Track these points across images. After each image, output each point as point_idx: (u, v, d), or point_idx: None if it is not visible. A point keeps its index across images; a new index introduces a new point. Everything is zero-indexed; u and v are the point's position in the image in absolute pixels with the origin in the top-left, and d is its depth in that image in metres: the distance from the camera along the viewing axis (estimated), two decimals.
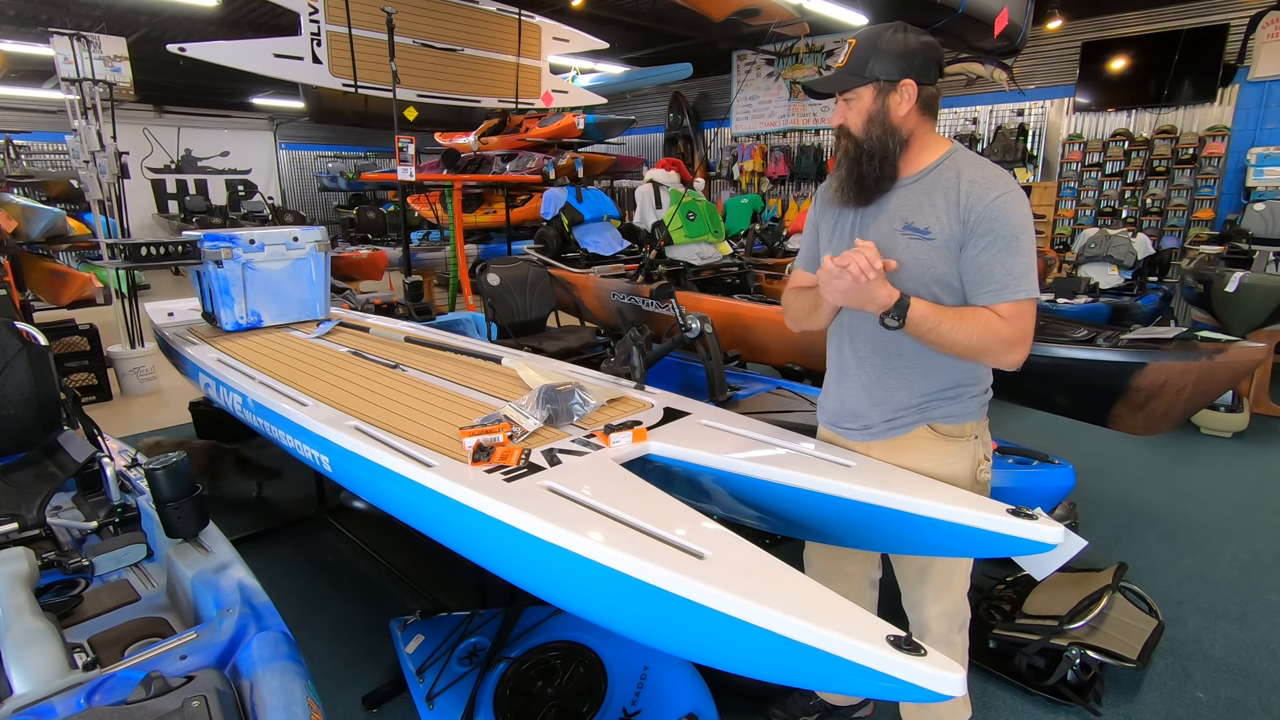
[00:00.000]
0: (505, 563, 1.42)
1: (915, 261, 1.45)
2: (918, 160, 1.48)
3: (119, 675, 1.08)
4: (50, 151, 11.20)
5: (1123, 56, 7.74)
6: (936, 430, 1.53)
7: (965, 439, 1.54)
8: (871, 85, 1.43)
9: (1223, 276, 4.51)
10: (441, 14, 6.32)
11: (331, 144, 15.24)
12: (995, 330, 1.39)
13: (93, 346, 5.17)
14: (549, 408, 1.79)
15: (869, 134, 1.45)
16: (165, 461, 1.57)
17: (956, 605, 1.65)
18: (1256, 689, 2.16)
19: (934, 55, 1.44)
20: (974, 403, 1.54)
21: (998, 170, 1.44)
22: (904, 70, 1.41)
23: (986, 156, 9.79)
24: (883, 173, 1.47)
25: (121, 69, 5.01)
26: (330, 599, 2.68)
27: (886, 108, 1.43)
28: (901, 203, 1.48)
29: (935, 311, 1.39)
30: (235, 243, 2.98)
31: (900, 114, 1.44)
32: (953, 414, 1.52)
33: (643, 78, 10.87)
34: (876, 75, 1.43)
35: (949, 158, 1.46)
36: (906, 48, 1.41)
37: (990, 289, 1.40)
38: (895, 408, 1.54)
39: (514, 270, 4.34)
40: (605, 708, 1.85)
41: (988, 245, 1.39)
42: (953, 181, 1.43)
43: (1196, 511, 3.30)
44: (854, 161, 1.48)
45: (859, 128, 1.47)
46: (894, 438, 1.56)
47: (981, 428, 1.57)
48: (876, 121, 1.44)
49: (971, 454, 1.55)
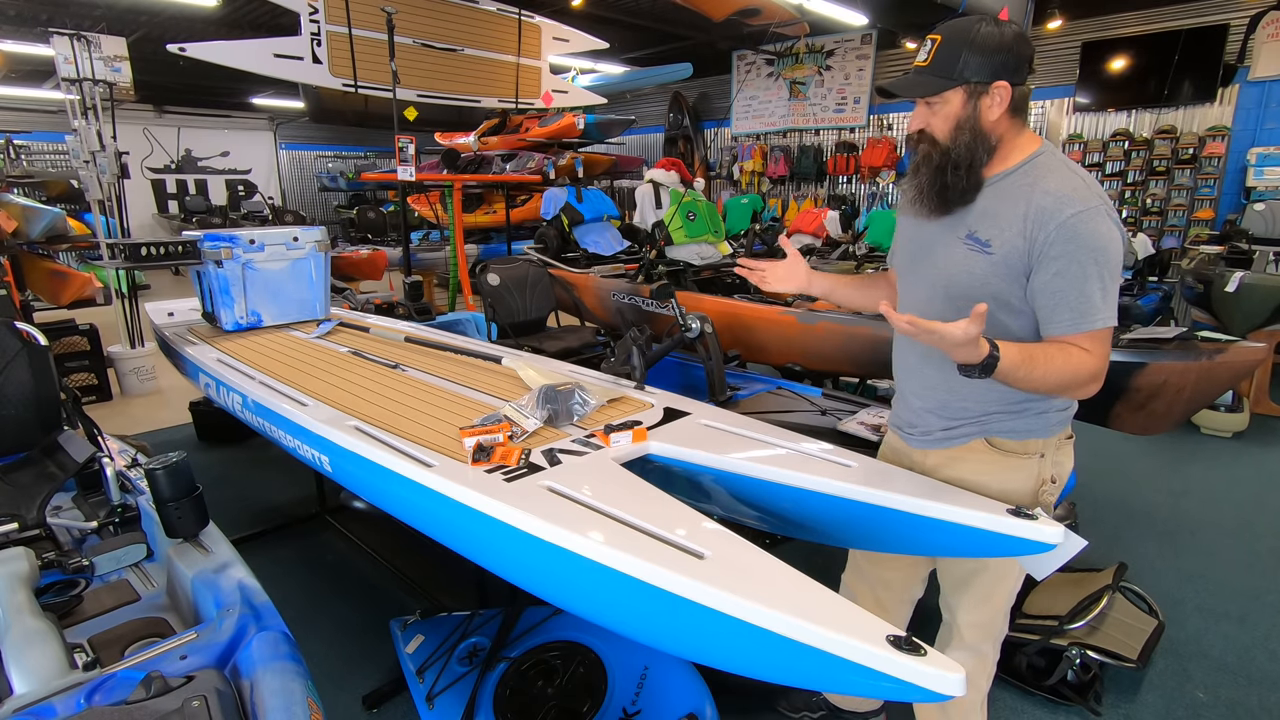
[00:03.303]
0: (505, 563, 1.42)
1: (969, 275, 1.35)
2: (999, 164, 1.36)
3: (119, 675, 1.08)
4: (50, 151, 11.21)
5: (1123, 56, 7.74)
6: (994, 445, 1.43)
7: (1028, 456, 1.42)
8: (961, 88, 1.30)
9: (1223, 276, 4.51)
10: (441, 14, 6.32)
11: (331, 144, 15.24)
12: (1083, 367, 1.27)
13: (93, 346, 5.16)
14: (549, 408, 1.79)
15: (956, 141, 1.32)
16: (165, 461, 1.57)
17: (993, 619, 1.56)
18: (1256, 689, 2.16)
19: (1027, 51, 1.30)
20: (1041, 420, 1.41)
21: (1079, 183, 1.28)
22: (997, 71, 1.27)
23: None
24: (969, 182, 1.35)
25: (121, 69, 5.01)
26: (330, 599, 2.68)
27: (978, 112, 1.30)
28: (970, 208, 1.37)
29: (1026, 354, 1.24)
30: (235, 243, 2.98)
31: (991, 118, 1.31)
32: (1015, 430, 1.41)
33: (643, 78, 10.87)
34: (967, 77, 1.29)
35: (1030, 162, 1.33)
36: (1001, 44, 1.27)
37: (1067, 319, 1.27)
38: (952, 418, 1.46)
39: (514, 270, 4.34)
40: (605, 708, 1.85)
41: (1061, 270, 1.25)
42: (1026, 192, 1.30)
43: (1196, 511, 3.30)
44: (938, 170, 1.35)
45: (946, 134, 1.34)
46: (951, 448, 1.48)
47: (1051, 446, 1.43)
48: (966, 128, 1.32)
49: (1035, 473, 1.42)
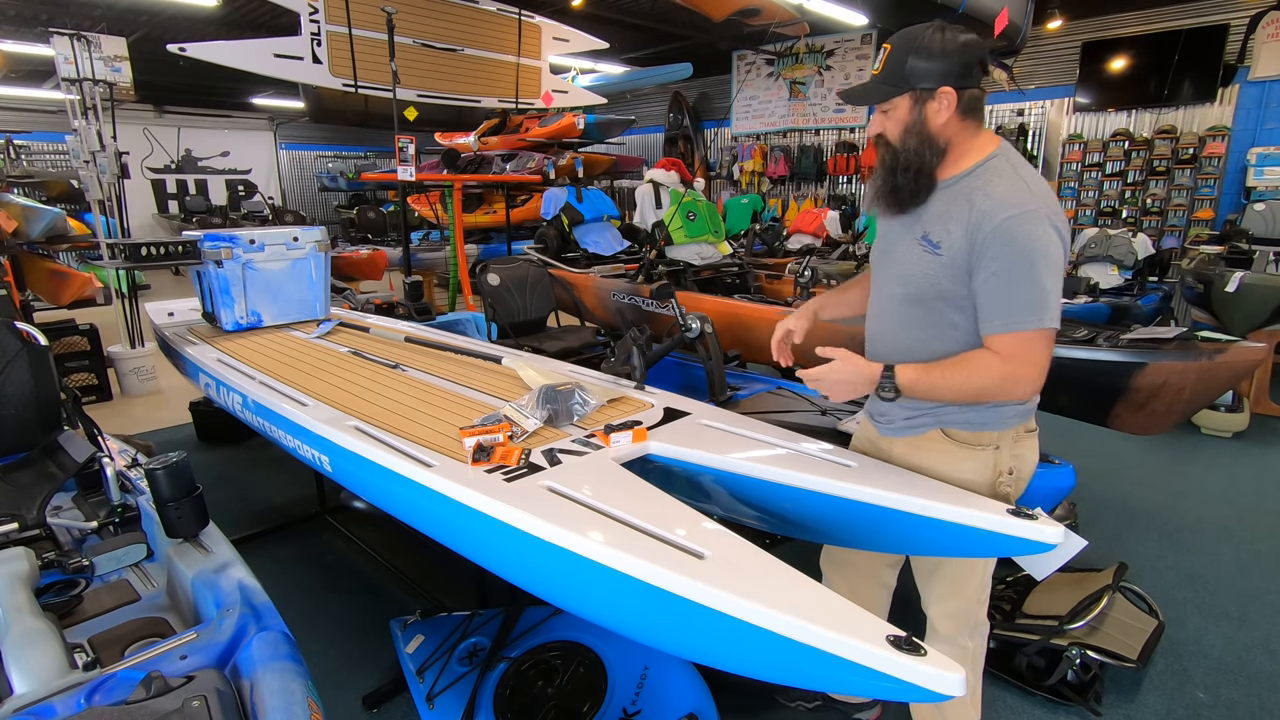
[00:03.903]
0: (505, 563, 1.42)
1: (923, 275, 1.41)
2: (953, 166, 1.41)
3: (119, 675, 1.08)
4: (50, 151, 11.20)
5: (1123, 56, 7.74)
6: (950, 436, 1.48)
7: (983, 448, 1.47)
8: (908, 95, 1.37)
9: (1223, 276, 4.51)
10: (441, 14, 6.32)
11: (331, 144, 15.24)
12: (991, 371, 1.33)
13: (93, 346, 5.16)
14: (549, 408, 1.79)
15: (905, 144, 1.40)
16: (165, 461, 1.57)
17: (965, 609, 1.59)
18: (1256, 689, 2.16)
19: (975, 55, 1.35)
20: (994, 413, 1.45)
21: (1023, 187, 1.32)
22: (943, 77, 1.34)
23: None
24: (918, 184, 1.41)
25: (121, 69, 5.01)
26: (330, 599, 2.68)
27: (924, 117, 1.37)
28: (926, 210, 1.43)
29: (925, 372, 1.38)
30: (235, 243, 2.98)
31: (939, 123, 1.37)
32: (969, 421, 1.46)
33: (643, 78, 10.87)
34: (913, 84, 1.36)
35: (981, 166, 1.38)
36: (944, 51, 1.34)
37: (995, 320, 1.33)
38: (912, 408, 1.51)
39: (514, 270, 4.34)
40: (605, 708, 1.85)
41: (997, 270, 1.31)
42: (973, 195, 1.35)
43: (1196, 511, 3.30)
44: (889, 171, 1.43)
45: (897, 138, 1.41)
46: (911, 437, 1.54)
47: (1007, 439, 1.48)
48: (914, 132, 1.38)
49: (991, 464, 1.47)
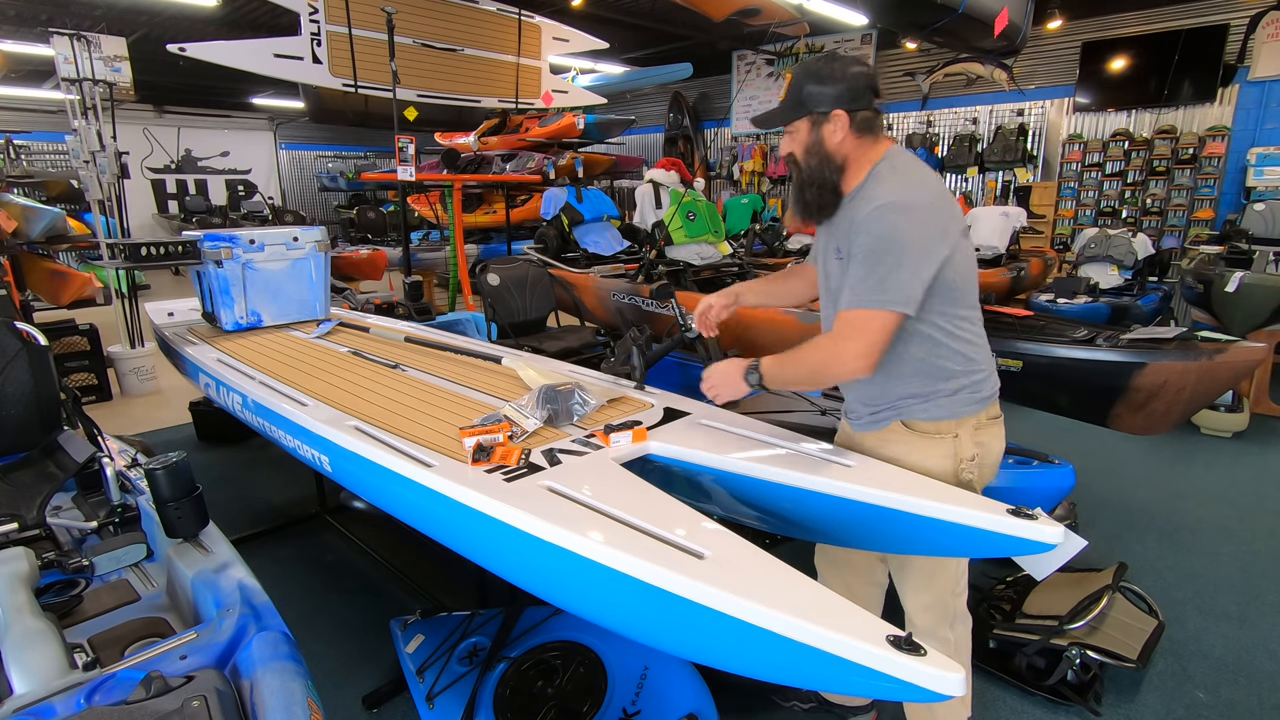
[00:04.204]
0: (505, 563, 1.42)
1: (836, 280, 1.55)
2: (853, 180, 1.55)
3: (119, 675, 1.08)
4: (50, 151, 11.21)
5: (1123, 56, 7.75)
6: (910, 427, 1.56)
7: (942, 436, 1.55)
8: (806, 118, 1.53)
9: (1223, 276, 4.50)
10: (441, 14, 6.32)
11: (331, 144, 15.24)
12: (821, 349, 1.48)
13: (93, 346, 5.16)
14: (549, 408, 1.79)
15: (808, 163, 1.55)
16: (165, 461, 1.57)
17: (940, 600, 1.65)
18: (1256, 689, 2.16)
19: (865, 81, 1.50)
20: (948, 402, 1.53)
21: (896, 183, 1.46)
22: (835, 101, 1.49)
23: (987, 156, 9.66)
24: (823, 198, 1.56)
25: (121, 69, 5.01)
26: (330, 599, 2.68)
27: (821, 137, 1.52)
28: (837, 224, 1.57)
29: (778, 359, 1.53)
30: (235, 243, 2.98)
31: (835, 141, 1.51)
32: (926, 412, 1.54)
33: (643, 78, 10.88)
34: (810, 109, 1.52)
35: (870, 174, 1.52)
36: (837, 78, 1.49)
37: (843, 299, 1.47)
38: (873, 403, 1.60)
39: (514, 270, 4.34)
40: (605, 708, 1.85)
41: (855, 257, 1.45)
42: (858, 202, 1.50)
43: (1196, 511, 3.30)
44: (798, 188, 1.59)
45: (800, 157, 1.57)
46: (877, 430, 1.61)
47: (966, 427, 1.55)
48: (814, 152, 1.54)
49: (951, 452, 1.55)
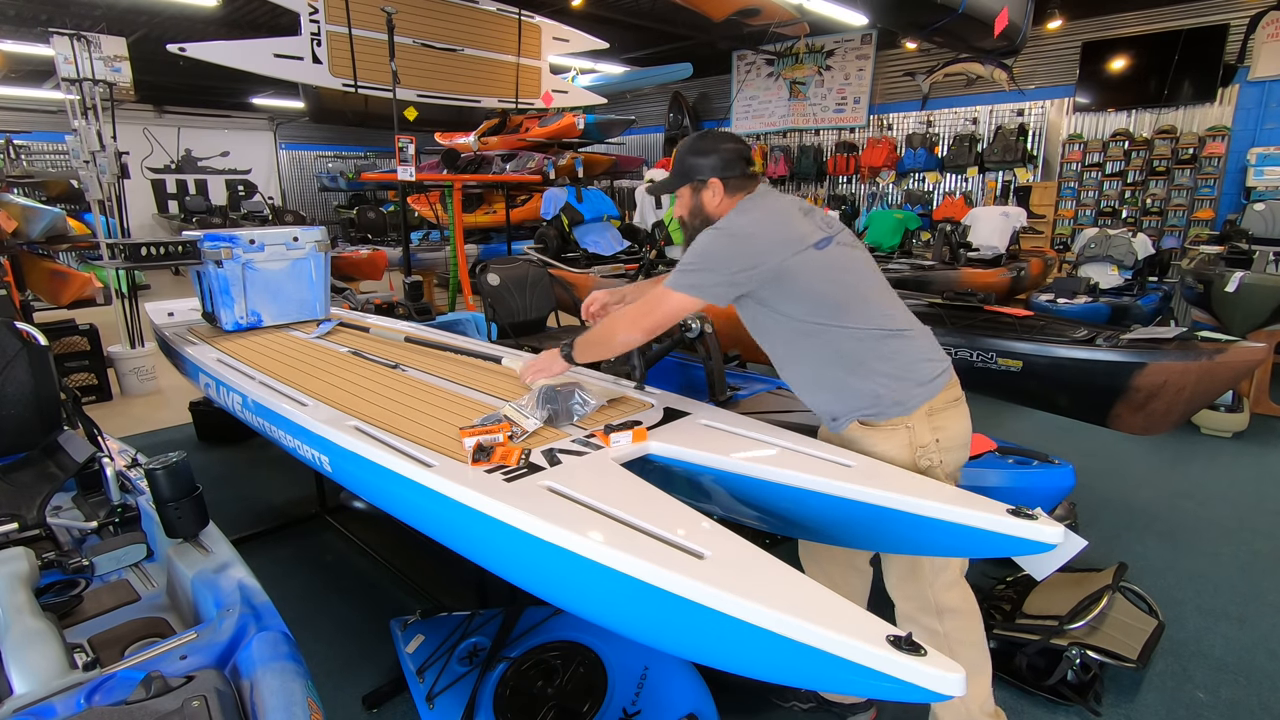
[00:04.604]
0: (505, 563, 1.42)
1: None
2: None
3: (119, 675, 1.08)
4: (50, 151, 11.20)
5: (1123, 56, 7.75)
6: (865, 424, 1.66)
7: (895, 428, 1.64)
8: (689, 186, 1.78)
9: (1223, 276, 4.50)
10: (441, 14, 6.33)
11: (331, 144, 15.24)
12: (608, 322, 1.83)
13: (93, 346, 5.16)
14: (549, 408, 1.79)
15: (693, 222, 1.80)
16: (165, 461, 1.57)
17: (919, 591, 1.71)
18: (1256, 689, 2.16)
19: (734, 153, 1.75)
20: (890, 403, 1.62)
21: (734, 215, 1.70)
22: (711, 170, 1.74)
23: (987, 156, 9.69)
24: None
25: (121, 69, 5.01)
26: (330, 599, 2.68)
27: (701, 200, 1.78)
28: None
29: (585, 339, 1.85)
30: (235, 243, 2.98)
31: (713, 204, 1.76)
32: (876, 414, 1.64)
33: (643, 78, 10.87)
34: (691, 177, 1.77)
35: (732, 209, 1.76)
36: (709, 151, 1.74)
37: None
38: (833, 411, 1.70)
39: (514, 270, 4.33)
40: (605, 708, 1.84)
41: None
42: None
43: (1196, 511, 3.30)
44: (687, 242, 1.80)
45: (687, 218, 1.83)
46: (843, 432, 1.71)
47: (919, 417, 1.63)
48: (697, 213, 1.79)
49: (906, 442, 1.63)
